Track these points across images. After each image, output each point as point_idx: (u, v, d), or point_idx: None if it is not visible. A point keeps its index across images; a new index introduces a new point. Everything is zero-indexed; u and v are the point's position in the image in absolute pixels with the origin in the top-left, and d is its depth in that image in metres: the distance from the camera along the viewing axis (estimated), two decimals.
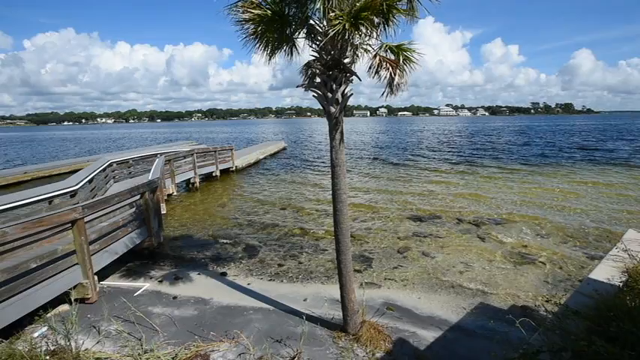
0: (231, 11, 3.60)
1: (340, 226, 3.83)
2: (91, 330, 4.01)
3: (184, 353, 3.49)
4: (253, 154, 20.45)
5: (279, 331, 4.01)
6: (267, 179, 15.33)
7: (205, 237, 7.89)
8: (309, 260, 6.47)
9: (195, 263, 6.41)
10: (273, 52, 3.79)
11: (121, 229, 5.86)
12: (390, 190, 12.57)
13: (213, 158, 15.20)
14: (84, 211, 4.63)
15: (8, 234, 3.63)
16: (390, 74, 3.50)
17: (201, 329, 3.99)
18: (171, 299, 4.86)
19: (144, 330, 3.86)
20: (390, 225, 8.45)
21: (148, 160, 13.28)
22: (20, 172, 16.29)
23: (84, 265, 4.66)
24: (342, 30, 3.12)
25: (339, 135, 3.73)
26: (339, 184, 3.77)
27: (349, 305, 3.90)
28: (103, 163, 10.79)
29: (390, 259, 6.44)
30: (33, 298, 4.00)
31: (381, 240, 7.45)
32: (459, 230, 7.98)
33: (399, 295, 5.07)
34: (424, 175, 15.58)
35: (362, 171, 17.07)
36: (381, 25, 3.46)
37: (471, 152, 24.22)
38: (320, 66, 3.75)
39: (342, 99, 3.70)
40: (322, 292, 5.18)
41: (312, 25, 3.73)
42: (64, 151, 34.95)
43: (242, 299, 4.86)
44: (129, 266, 6.12)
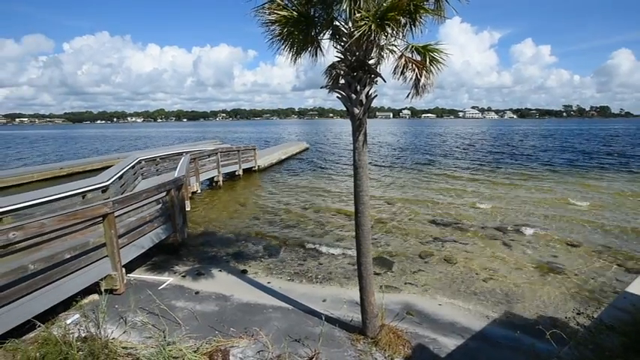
0: (258, 13, 3.66)
1: (361, 227, 3.81)
2: (118, 320, 4.17)
3: (205, 347, 3.56)
4: (275, 154, 20.67)
5: (297, 330, 4.03)
6: (288, 179, 15.46)
7: (227, 234, 8.04)
8: (328, 261, 6.46)
9: (217, 260, 6.54)
10: (298, 54, 3.82)
11: (148, 225, 6.07)
12: (411, 193, 12.38)
13: (237, 158, 15.48)
14: (114, 205, 4.83)
15: (46, 225, 3.84)
16: (416, 75, 3.45)
17: (222, 325, 4.06)
18: (194, 294, 4.98)
19: (167, 323, 3.97)
20: (412, 229, 8.31)
21: (174, 158, 13.69)
22: (57, 168, 17.19)
23: (113, 257, 4.85)
24: (368, 31, 3.10)
25: (362, 136, 3.71)
26: (362, 186, 3.75)
27: (368, 308, 3.86)
28: (132, 161, 11.23)
29: (411, 264, 6.33)
30: (66, 287, 4.21)
31: (402, 244, 7.35)
32: (483, 236, 7.74)
33: (419, 301, 4.97)
34: (446, 178, 15.24)
35: (383, 173, 16.91)
36: (408, 25, 3.41)
37: (495, 156, 23.47)
38: (344, 67, 3.74)
39: (366, 100, 3.68)
40: (341, 293, 5.16)
41: (337, 26, 3.73)
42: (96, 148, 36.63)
43: (262, 297, 4.91)
44: (154, 260, 6.32)
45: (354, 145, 3.71)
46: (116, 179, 8.73)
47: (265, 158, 18.68)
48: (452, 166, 19.15)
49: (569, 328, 3.83)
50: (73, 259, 4.37)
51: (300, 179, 15.51)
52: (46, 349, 2.91)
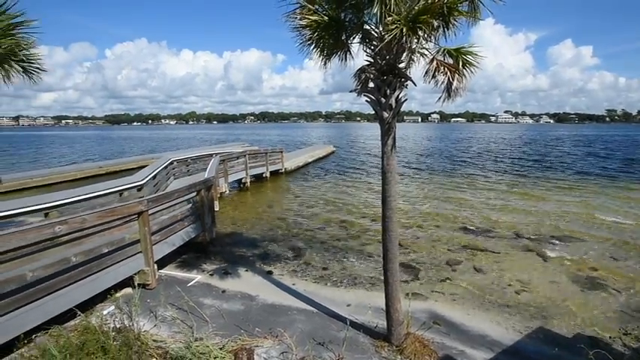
0: (289, 18, 3.72)
1: (389, 233, 3.75)
2: (149, 314, 4.33)
3: (231, 345, 3.63)
4: (302, 157, 20.85)
5: (321, 333, 4.02)
6: (315, 182, 15.53)
7: (254, 235, 8.18)
8: (353, 266, 6.42)
9: (243, 260, 6.67)
10: (328, 57, 3.85)
11: (179, 223, 6.29)
12: (439, 198, 12.07)
13: (264, 160, 15.75)
14: (149, 204, 5.05)
15: (87, 221, 4.08)
16: (448, 79, 3.38)
17: (247, 324, 4.13)
18: (221, 293, 5.09)
19: (195, 319, 4.09)
20: (439, 235, 8.10)
21: (204, 159, 14.13)
22: (96, 167, 18.25)
23: (146, 253, 5.06)
24: (399, 34, 3.07)
25: (391, 141, 3.67)
26: (390, 191, 3.70)
27: (394, 315, 3.79)
28: (165, 161, 11.70)
29: (439, 271, 6.16)
30: (104, 280, 4.44)
31: (429, 250, 7.17)
32: (516, 246, 7.41)
33: (446, 310, 4.83)
34: (476, 184, 14.75)
35: (411, 178, 16.61)
36: (441, 28, 3.35)
37: (531, 163, 22.42)
38: (374, 71, 3.72)
39: (395, 104, 3.64)
40: (366, 299, 5.11)
41: (367, 30, 3.72)
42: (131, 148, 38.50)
43: (286, 299, 4.95)
44: (184, 258, 6.52)
45: (383, 149, 3.67)
46: (150, 179, 9.12)
47: (292, 161, 18.88)
48: (483, 172, 18.50)
49: (615, 350, 3.59)
50: (110, 253, 4.61)
51: (327, 182, 15.54)
52: (85, 337, 3.08)
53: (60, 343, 3.14)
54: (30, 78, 5.41)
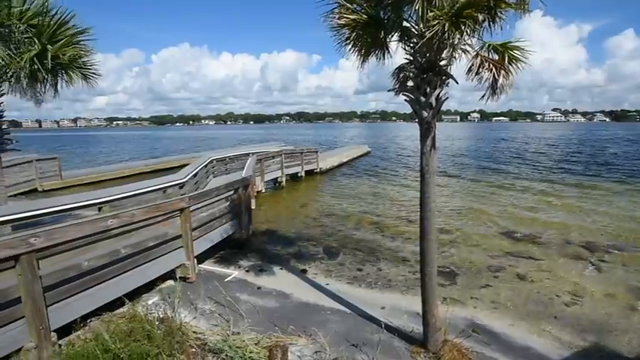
0: (327, 18, 3.72)
1: (427, 236, 3.63)
2: (189, 306, 4.52)
3: (266, 342, 3.69)
4: (337, 157, 20.84)
5: (355, 335, 3.98)
6: (349, 182, 15.47)
7: (288, 234, 8.29)
8: (388, 268, 6.30)
9: (278, 258, 6.78)
10: (365, 57, 3.80)
11: (217, 220, 6.52)
12: (478, 201, 11.54)
13: (299, 160, 15.93)
14: (190, 201, 5.28)
15: (136, 215, 4.34)
16: (493, 76, 3.21)
17: (282, 321, 4.18)
18: (256, 289, 5.21)
19: (232, 313, 4.21)
20: (479, 240, 7.74)
21: (242, 158, 14.55)
22: (143, 165, 19.44)
23: (187, 248, 5.29)
24: (441, 30, 2.96)
25: (430, 141, 3.56)
26: (429, 192, 3.58)
27: (431, 321, 3.67)
28: (205, 160, 12.19)
29: (478, 277, 5.89)
30: (149, 271, 4.71)
31: (469, 255, 6.87)
32: (565, 253, 6.90)
33: (487, 318, 4.59)
34: (518, 186, 13.93)
35: (449, 178, 16.04)
36: (486, 22, 3.19)
37: (585, 165, 20.78)
38: (413, 69, 3.63)
39: (435, 103, 3.52)
40: (401, 302, 4.99)
41: (406, 27, 3.63)
42: (174, 147, 40.56)
43: (320, 298, 4.96)
44: (221, 254, 6.74)
45: (422, 149, 3.57)
46: (191, 177, 9.54)
47: (327, 161, 18.93)
48: (527, 174, 17.43)
49: None
50: (155, 247, 4.88)
51: (362, 183, 15.41)
52: (132, 325, 3.28)
53: (110, 328, 3.36)
54: (88, 83, 5.87)
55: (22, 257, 3.01)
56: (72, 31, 5.48)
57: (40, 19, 5.19)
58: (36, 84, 5.45)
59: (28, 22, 5.03)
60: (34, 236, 3.11)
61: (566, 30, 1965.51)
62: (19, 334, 3.11)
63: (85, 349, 2.93)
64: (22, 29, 4.91)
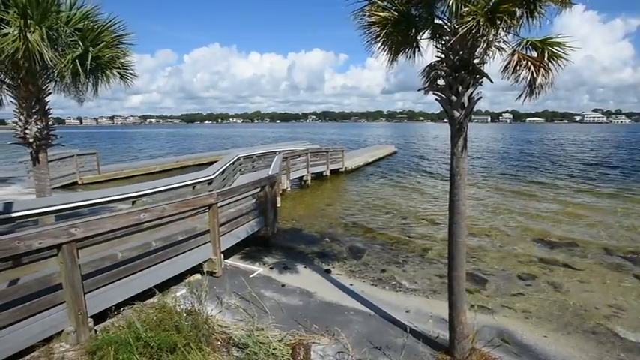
0: (357, 16, 3.69)
1: (456, 239, 3.53)
2: (215, 300, 4.63)
3: (289, 339, 3.72)
4: (363, 157, 20.69)
5: (378, 338, 3.93)
6: (375, 183, 15.31)
7: (313, 233, 8.32)
8: (414, 270, 6.18)
9: (302, 256, 6.81)
10: (395, 55, 3.74)
11: (244, 217, 6.64)
12: (510, 205, 11.08)
13: (325, 159, 15.94)
14: (218, 197, 5.41)
15: (166, 210, 4.50)
16: (531, 74, 3.05)
17: (305, 320, 4.20)
18: (280, 286, 5.26)
19: (256, 309, 4.28)
20: (510, 245, 7.43)
21: (268, 156, 14.75)
22: (173, 161, 20.15)
23: (214, 243, 5.42)
24: (476, 26, 2.85)
25: (461, 142, 3.44)
26: (459, 195, 3.48)
27: (458, 327, 3.56)
28: (233, 157, 12.47)
29: (509, 284, 5.65)
30: (178, 264, 4.87)
31: (499, 261, 6.61)
32: (605, 263, 6.49)
33: (517, 328, 4.39)
34: (554, 191, 13.23)
35: (479, 181, 15.50)
36: (524, 17, 3.04)
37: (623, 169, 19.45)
38: (445, 67, 3.52)
39: (468, 103, 3.40)
40: (426, 306, 4.88)
41: (438, 24, 3.54)
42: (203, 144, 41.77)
43: (344, 298, 4.94)
44: (247, 250, 6.86)
45: (453, 150, 3.46)
46: (219, 173, 9.79)
47: (352, 160, 18.83)
48: (563, 178, 16.52)
49: None
50: (183, 241, 5.03)
51: (387, 183, 15.21)
52: (162, 315, 3.40)
53: (142, 317, 3.50)
54: (125, 82, 6.14)
55: (64, 246, 3.20)
56: (113, 34, 5.75)
57: (85, 23, 5.49)
58: (78, 83, 5.75)
59: (74, 26, 5.33)
60: (74, 226, 3.29)
61: (610, 25, 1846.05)
62: (61, 317, 3.31)
63: (119, 336, 3.07)
64: (68, 32, 5.21)
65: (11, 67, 5.23)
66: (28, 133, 5.60)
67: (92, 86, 5.95)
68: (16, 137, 5.72)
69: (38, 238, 3.03)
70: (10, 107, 5.84)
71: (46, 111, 5.83)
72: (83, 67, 5.32)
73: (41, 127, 5.69)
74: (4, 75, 5.54)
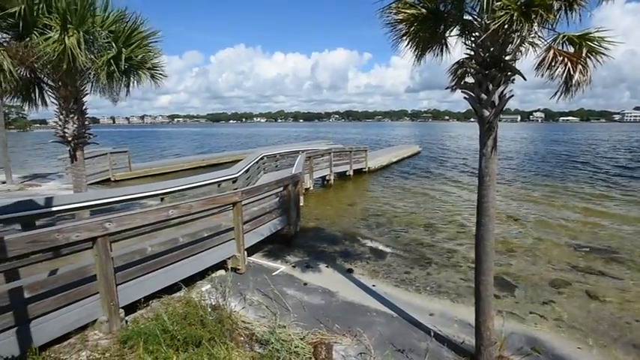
0: (383, 13, 3.63)
1: (484, 242, 3.41)
2: (239, 296, 4.71)
3: (310, 337, 3.73)
4: (386, 157, 20.45)
5: (401, 340, 3.87)
6: (398, 183, 15.10)
7: (335, 232, 8.30)
8: (438, 273, 6.04)
9: (324, 255, 6.81)
10: (422, 53, 3.66)
11: (267, 215, 6.72)
12: (541, 208, 10.60)
13: (348, 158, 15.87)
14: (243, 195, 5.50)
15: (193, 207, 4.62)
16: (567, 71, 2.89)
17: (327, 319, 4.19)
18: (302, 285, 5.28)
19: (278, 307, 4.31)
20: (542, 250, 7.10)
21: (292, 155, 14.86)
22: (199, 159, 20.72)
23: (238, 240, 5.52)
24: (509, 21, 2.74)
25: (491, 141, 3.32)
26: (487, 196, 3.36)
27: (485, 333, 3.44)
28: (257, 156, 12.65)
29: (539, 291, 5.41)
30: (203, 260, 4.99)
31: (529, 266, 6.34)
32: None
33: (549, 337, 4.20)
34: (590, 193, 12.53)
35: (507, 182, 14.94)
36: (562, 10, 2.89)
37: None
38: (474, 65, 3.41)
39: (499, 101, 3.28)
40: (451, 310, 4.75)
41: (468, 20, 3.43)
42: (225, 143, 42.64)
43: (366, 299, 4.90)
44: (269, 248, 6.94)
45: (482, 150, 3.34)
46: (244, 172, 9.95)
47: (376, 160, 18.65)
48: (601, 180, 15.62)
49: None
50: (209, 237, 5.15)
51: (411, 183, 14.96)
52: (188, 309, 3.50)
53: (168, 310, 3.62)
54: (155, 82, 6.37)
55: (99, 239, 3.35)
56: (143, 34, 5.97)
57: (117, 25, 5.74)
58: (112, 84, 6.02)
59: (108, 29, 5.58)
60: (108, 221, 3.44)
61: None
62: (95, 307, 3.47)
63: (147, 328, 3.19)
64: (103, 35, 5.46)
65: (52, 69, 5.54)
66: (67, 131, 5.91)
67: (125, 87, 6.21)
68: (56, 135, 6.06)
69: (76, 231, 3.19)
70: (51, 108, 6.19)
71: (83, 111, 6.14)
72: (118, 67, 5.56)
73: (78, 125, 5.99)
74: (46, 77, 5.88)
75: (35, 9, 4.88)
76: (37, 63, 5.09)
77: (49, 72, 5.71)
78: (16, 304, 2.96)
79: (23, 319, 3.00)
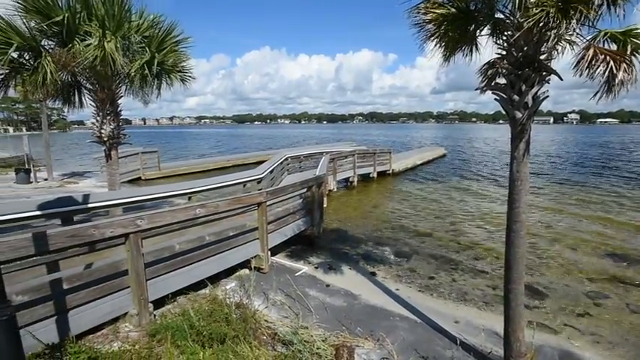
0: (410, 14, 3.58)
1: (515, 249, 3.27)
2: (262, 295, 4.77)
3: (332, 340, 3.72)
4: (411, 159, 20.13)
5: (424, 347, 3.78)
6: (423, 186, 14.81)
7: (358, 234, 8.25)
8: (464, 279, 5.86)
9: (347, 257, 6.78)
10: (451, 53, 3.58)
11: (291, 216, 6.77)
12: (576, 215, 10.06)
13: (372, 160, 15.74)
14: (267, 196, 5.57)
15: (219, 206, 4.73)
16: (610, 70, 2.73)
17: (349, 322, 4.16)
18: (325, 286, 5.27)
19: (301, 307, 4.33)
20: (577, 259, 6.75)
21: (315, 157, 14.91)
22: (224, 160, 21.21)
23: (262, 240, 5.58)
24: (545, 18, 2.63)
25: (523, 144, 3.20)
26: (519, 202, 3.23)
27: (514, 344, 3.31)
28: (281, 157, 12.78)
29: (574, 303, 5.13)
30: (228, 259, 5.09)
31: (562, 275, 6.04)
32: None
33: (586, 352, 3.96)
34: (630, 201, 11.75)
35: (539, 186, 14.30)
36: (604, 5, 2.73)
37: None
38: (507, 65, 3.29)
39: (532, 103, 3.15)
40: (477, 318, 4.60)
41: (499, 19, 3.32)
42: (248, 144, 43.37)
43: (389, 303, 4.82)
44: (292, 249, 6.98)
45: (513, 154, 3.22)
46: (268, 173, 10.08)
47: (400, 162, 18.39)
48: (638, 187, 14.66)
49: None
50: (234, 237, 5.25)
51: (436, 186, 14.63)
52: (213, 307, 3.58)
53: (195, 306, 3.72)
54: (185, 85, 6.58)
55: (131, 236, 3.49)
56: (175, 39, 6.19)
57: (151, 30, 5.97)
58: (145, 87, 6.28)
59: (142, 34, 5.82)
60: (139, 218, 3.58)
61: None
62: (126, 301, 3.62)
63: (175, 322, 3.29)
64: (138, 40, 5.70)
65: (91, 73, 5.84)
66: (103, 132, 6.21)
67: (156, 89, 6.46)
68: (93, 136, 6.38)
69: (110, 227, 3.35)
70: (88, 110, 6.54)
71: (118, 112, 6.43)
72: (150, 70, 5.79)
73: (113, 126, 6.28)
74: (85, 80, 6.21)
75: (77, 17, 5.17)
76: (77, 67, 5.40)
77: (88, 76, 6.02)
78: (56, 294, 3.13)
79: (62, 309, 3.17)
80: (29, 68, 5.08)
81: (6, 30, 4.75)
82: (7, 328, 1.87)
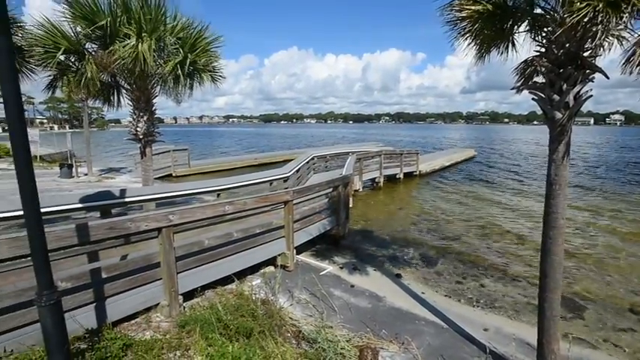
0: (443, 11, 3.49)
1: (552, 257, 3.12)
2: (287, 293, 4.81)
3: (357, 341, 3.70)
4: (438, 160, 19.66)
5: (451, 353, 3.69)
6: (451, 188, 14.42)
7: (384, 235, 8.16)
8: (493, 286, 5.66)
9: (372, 258, 6.72)
10: (486, 51, 3.46)
11: (317, 215, 6.78)
12: (620, 221, 9.43)
13: (399, 161, 15.51)
14: (294, 194, 5.62)
15: (247, 204, 4.82)
16: None
17: (374, 323, 4.12)
18: (349, 287, 5.25)
19: (325, 307, 4.33)
20: (619, 270, 6.33)
21: (342, 157, 14.87)
22: (252, 159, 21.62)
23: (288, 238, 5.64)
24: (591, 13, 2.48)
25: (563, 147, 3.04)
26: (556, 206, 3.07)
27: (549, 356, 3.15)
28: (308, 156, 12.85)
29: (615, 317, 4.82)
30: (255, 256, 5.18)
31: (602, 287, 5.69)
32: None
33: None
34: None
35: (574, 191, 13.54)
36: None
37: None
38: (546, 63, 3.14)
39: (573, 102, 2.98)
40: (508, 327, 4.41)
41: (538, 14, 3.17)
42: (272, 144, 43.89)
43: (414, 307, 4.74)
44: (317, 248, 7.00)
45: (551, 156, 3.07)
46: (294, 172, 10.17)
47: (427, 163, 18.02)
48: None
49: None
50: (260, 234, 5.33)
51: (465, 189, 14.20)
52: (240, 301, 3.66)
53: (222, 301, 3.81)
54: (215, 84, 6.75)
55: (164, 230, 3.63)
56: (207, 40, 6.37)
57: (185, 32, 6.18)
58: (178, 86, 6.50)
59: (176, 36, 6.04)
60: (171, 213, 3.72)
61: None
62: (158, 292, 3.77)
63: (203, 315, 3.39)
64: (172, 41, 5.92)
65: (128, 73, 6.12)
66: (139, 130, 6.49)
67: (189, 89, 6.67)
68: (129, 133, 6.69)
69: (145, 221, 3.50)
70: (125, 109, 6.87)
71: (152, 111, 6.70)
72: (182, 70, 5.99)
73: (148, 124, 6.55)
74: (123, 80, 6.52)
75: (118, 20, 5.43)
76: (116, 68, 5.67)
77: (125, 76, 6.32)
78: (95, 282, 3.31)
79: (100, 297, 3.35)
80: (74, 70, 5.40)
81: (55, 35, 5.08)
82: (54, 312, 2.00)
